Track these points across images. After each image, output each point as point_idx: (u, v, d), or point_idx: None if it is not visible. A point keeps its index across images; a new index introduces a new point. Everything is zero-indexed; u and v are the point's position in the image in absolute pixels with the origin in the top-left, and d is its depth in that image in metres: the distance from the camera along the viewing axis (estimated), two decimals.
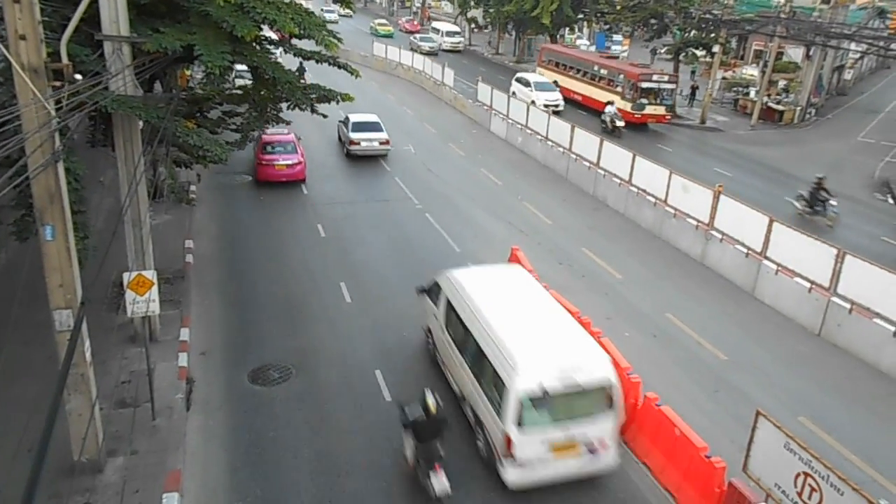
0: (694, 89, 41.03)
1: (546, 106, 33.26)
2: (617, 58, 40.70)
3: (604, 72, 36.62)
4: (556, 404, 9.65)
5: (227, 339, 13.80)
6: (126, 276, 10.36)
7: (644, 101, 33.41)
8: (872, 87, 52.16)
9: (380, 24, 65.16)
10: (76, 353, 8.44)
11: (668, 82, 34.53)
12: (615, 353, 11.98)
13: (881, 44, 35.51)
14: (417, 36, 58.18)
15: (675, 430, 10.10)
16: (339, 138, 28.05)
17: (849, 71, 49.78)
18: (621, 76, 34.87)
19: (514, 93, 36.15)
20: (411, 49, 49.16)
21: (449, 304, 12.00)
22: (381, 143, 25.82)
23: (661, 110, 34.18)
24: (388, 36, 60.52)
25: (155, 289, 10.41)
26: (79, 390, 9.03)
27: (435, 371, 12.70)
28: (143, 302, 10.38)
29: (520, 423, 9.50)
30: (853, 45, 37.78)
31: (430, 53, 51.98)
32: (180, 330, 13.50)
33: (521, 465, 9.67)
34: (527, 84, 37.37)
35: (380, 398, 12.06)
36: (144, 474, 9.72)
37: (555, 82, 39.33)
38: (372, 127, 25.80)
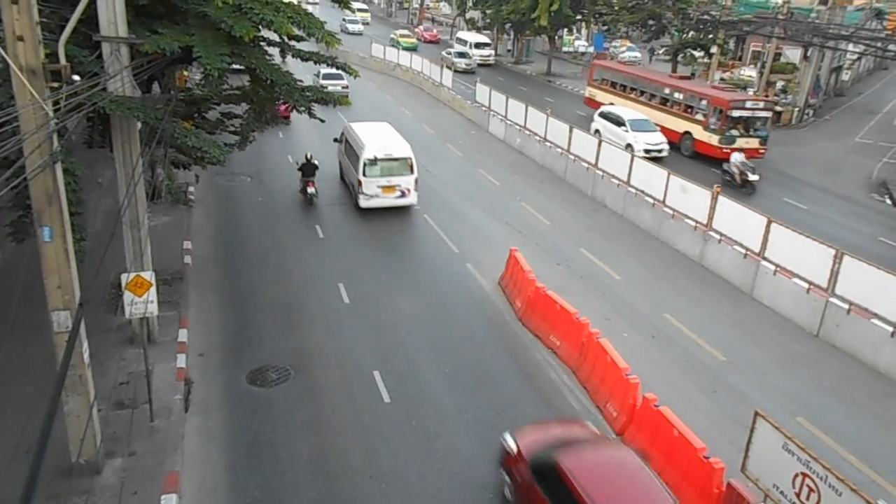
0: None
1: (647, 151, 26.86)
2: (691, 77, 35.13)
3: (679, 95, 30.58)
4: (382, 165, 20.03)
5: (226, 340, 13.80)
6: (124, 278, 10.34)
7: (734, 132, 27.55)
8: (870, 87, 52.26)
9: (402, 36, 57.66)
10: (74, 355, 8.45)
11: (764, 109, 28.66)
12: (613, 354, 12.02)
13: (879, 44, 35.58)
14: (452, 51, 50.73)
15: (674, 431, 10.11)
16: None
17: (846, 72, 49.86)
18: (704, 102, 28.93)
19: (597, 131, 29.11)
20: (443, 66, 42.39)
21: (346, 139, 22.32)
22: (342, 87, 34.84)
23: (754, 143, 27.74)
24: (413, 49, 52.22)
25: (153, 290, 10.39)
26: (77, 391, 9.02)
27: (342, 184, 23.21)
28: (142, 303, 10.37)
29: (364, 174, 19.95)
30: (851, 46, 37.82)
31: (467, 71, 47.27)
32: (178, 331, 13.50)
33: (366, 196, 20.13)
34: (618, 122, 29.08)
35: (378, 399, 12.06)
36: (143, 476, 9.70)
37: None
38: (336, 76, 34.45)
